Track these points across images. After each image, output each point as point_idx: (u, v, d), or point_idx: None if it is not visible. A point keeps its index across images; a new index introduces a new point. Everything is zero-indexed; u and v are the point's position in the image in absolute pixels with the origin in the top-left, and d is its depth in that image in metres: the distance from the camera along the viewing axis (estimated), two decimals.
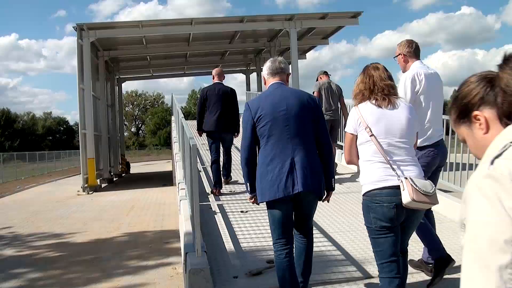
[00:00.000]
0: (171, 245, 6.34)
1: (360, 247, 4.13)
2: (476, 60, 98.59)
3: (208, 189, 6.56)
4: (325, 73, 7.21)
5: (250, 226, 4.81)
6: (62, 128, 66.87)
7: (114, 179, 17.90)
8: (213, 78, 6.55)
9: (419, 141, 3.09)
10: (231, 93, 6.45)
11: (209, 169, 7.74)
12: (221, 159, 6.64)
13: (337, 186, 3.60)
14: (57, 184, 19.03)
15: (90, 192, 13.04)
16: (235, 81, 69.05)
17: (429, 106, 3.46)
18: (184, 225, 4.41)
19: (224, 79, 6.64)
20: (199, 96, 6.55)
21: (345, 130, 2.86)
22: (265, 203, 2.91)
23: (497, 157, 0.93)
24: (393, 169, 2.54)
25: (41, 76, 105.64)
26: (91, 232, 7.50)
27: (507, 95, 1.00)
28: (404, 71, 3.55)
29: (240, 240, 4.43)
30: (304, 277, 3.01)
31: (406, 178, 2.49)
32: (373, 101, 2.67)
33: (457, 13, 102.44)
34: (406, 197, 2.45)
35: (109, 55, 16.82)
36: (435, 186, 2.78)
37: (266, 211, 2.97)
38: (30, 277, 5.15)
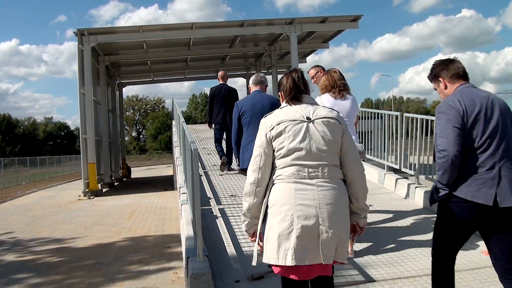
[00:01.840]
0: (172, 249, 6.34)
1: (361, 250, 4.11)
2: (477, 62, 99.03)
3: (209, 193, 6.58)
4: None
5: None
6: (63, 133, 67.06)
7: (115, 183, 17.88)
8: (219, 80, 8.14)
9: None
10: (234, 92, 8.08)
11: (210, 173, 8.06)
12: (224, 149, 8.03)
13: None
14: (58, 189, 19.04)
15: (91, 197, 13.04)
16: (235, 85, 69.52)
17: None
18: (185, 229, 4.41)
19: (227, 80, 8.24)
20: (208, 95, 8.23)
21: None
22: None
23: (271, 113, 2.36)
24: None
25: (42, 81, 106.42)
26: (92, 237, 7.50)
27: (282, 85, 2.44)
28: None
29: (242, 244, 4.42)
30: None
31: None
32: (331, 94, 4.10)
33: (457, 16, 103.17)
34: None
35: (109, 60, 16.82)
36: None
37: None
38: (32, 282, 5.14)
